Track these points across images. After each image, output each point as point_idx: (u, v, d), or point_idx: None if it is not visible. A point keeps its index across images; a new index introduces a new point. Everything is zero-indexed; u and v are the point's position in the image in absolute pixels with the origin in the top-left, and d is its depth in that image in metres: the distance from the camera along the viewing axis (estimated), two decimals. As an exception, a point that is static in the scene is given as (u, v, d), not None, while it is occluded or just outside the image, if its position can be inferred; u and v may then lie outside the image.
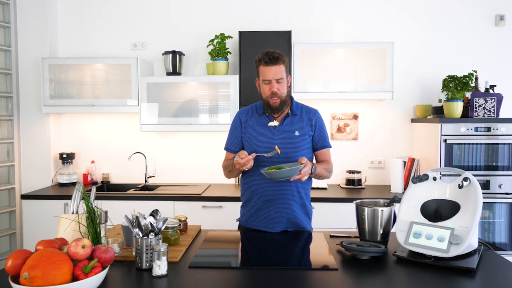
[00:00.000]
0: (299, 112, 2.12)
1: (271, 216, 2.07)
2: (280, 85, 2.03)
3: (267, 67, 2.01)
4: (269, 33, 3.27)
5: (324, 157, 2.17)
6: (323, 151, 2.15)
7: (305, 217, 2.13)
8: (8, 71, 3.46)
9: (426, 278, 1.47)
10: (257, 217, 2.10)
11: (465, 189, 1.66)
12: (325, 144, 2.15)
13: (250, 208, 2.13)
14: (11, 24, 3.44)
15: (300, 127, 2.09)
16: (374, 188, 3.41)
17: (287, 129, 2.08)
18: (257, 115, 2.14)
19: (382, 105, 3.56)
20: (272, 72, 2.00)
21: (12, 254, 1.33)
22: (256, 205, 2.10)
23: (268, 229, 2.08)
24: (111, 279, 1.45)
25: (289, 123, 2.10)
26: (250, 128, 2.12)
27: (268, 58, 2.01)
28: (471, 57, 3.49)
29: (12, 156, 3.49)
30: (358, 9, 3.53)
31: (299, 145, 2.07)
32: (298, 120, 2.11)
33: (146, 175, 3.56)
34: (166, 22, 3.62)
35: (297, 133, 2.08)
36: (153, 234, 1.57)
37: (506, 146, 2.95)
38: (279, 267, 1.58)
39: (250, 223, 2.13)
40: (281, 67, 2.02)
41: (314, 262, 1.68)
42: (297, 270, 1.54)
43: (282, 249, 1.86)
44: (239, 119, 2.17)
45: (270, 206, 2.07)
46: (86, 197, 1.65)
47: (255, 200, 2.10)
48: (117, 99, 3.34)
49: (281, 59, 2.02)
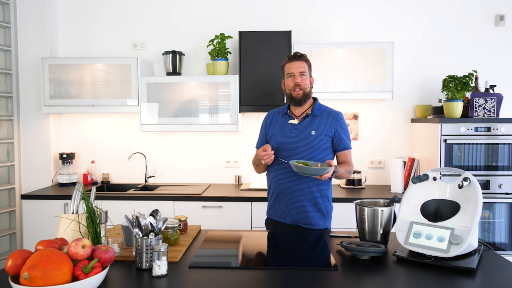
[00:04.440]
0: (319, 113, 2.25)
1: (282, 208, 2.23)
2: (303, 78, 2.21)
3: (291, 63, 2.23)
4: (269, 33, 3.27)
5: (344, 158, 2.26)
6: (344, 152, 2.26)
7: (316, 213, 2.20)
8: (8, 71, 3.46)
9: (426, 278, 1.47)
10: (273, 208, 2.29)
11: (465, 189, 1.66)
12: (345, 146, 2.25)
13: (269, 199, 2.35)
14: (11, 24, 3.44)
15: (318, 127, 2.20)
16: (374, 188, 3.41)
17: (304, 128, 2.21)
18: (281, 115, 2.32)
19: (382, 105, 3.56)
20: (295, 66, 2.21)
21: (12, 254, 1.33)
22: (272, 197, 2.29)
23: (281, 220, 2.24)
24: (111, 279, 1.45)
25: (308, 122, 2.22)
26: (274, 126, 2.31)
27: (292, 56, 2.25)
28: (471, 57, 3.49)
29: (12, 156, 3.49)
30: (358, 9, 3.53)
31: (314, 144, 2.18)
32: (318, 121, 2.22)
33: (146, 175, 3.56)
34: (166, 22, 3.63)
35: (314, 132, 2.19)
36: (153, 234, 1.58)
37: (506, 146, 2.95)
38: (279, 267, 1.58)
39: (269, 214, 2.34)
40: (303, 63, 2.23)
41: (314, 262, 1.68)
42: (297, 270, 1.54)
43: (282, 249, 1.86)
44: (266, 120, 2.39)
45: (282, 199, 2.23)
46: (86, 197, 1.65)
47: (271, 192, 2.31)
48: (117, 99, 3.34)
49: (305, 57, 2.25)
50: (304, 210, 2.18)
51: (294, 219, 2.20)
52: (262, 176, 3.56)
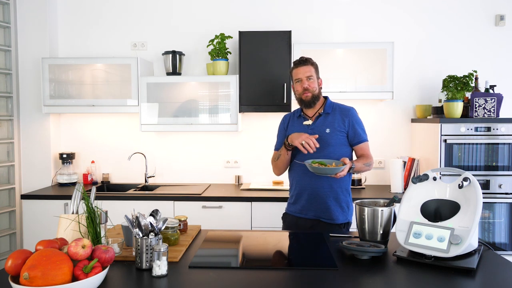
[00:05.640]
0: (331, 111, 2.30)
1: (303, 204, 2.30)
2: (310, 82, 2.26)
3: (298, 68, 2.29)
4: (269, 33, 3.27)
5: (362, 151, 2.30)
6: (360, 145, 2.30)
7: (337, 208, 2.26)
8: (8, 71, 3.46)
9: (426, 278, 1.47)
10: (295, 205, 2.34)
11: (465, 189, 1.66)
12: (361, 139, 2.29)
13: (291, 196, 2.39)
14: (11, 24, 3.44)
15: (332, 125, 2.27)
16: (374, 188, 3.41)
17: (319, 127, 2.27)
18: (296, 118, 2.39)
19: (382, 105, 3.56)
20: (301, 71, 2.27)
21: (12, 254, 1.33)
22: (295, 194, 2.34)
23: (302, 215, 2.30)
24: (111, 279, 1.45)
25: (321, 121, 2.29)
26: (290, 128, 2.37)
27: (298, 61, 2.31)
28: (471, 57, 3.49)
29: (12, 156, 3.49)
30: (358, 9, 3.53)
31: (330, 142, 2.24)
32: (331, 119, 2.29)
33: (146, 175, 3.56)
34: (166, 22, 3.62)
35: (328, 130, 2.25)
36: (153, 234, 1.57)
37: (506, 146, 2.95)
38: (279, 267, 1.58)
39: (291, 210, 2.38)
40: (309, 67, 2.28)
41: (314, 262, 1.68)
42: (297, 270, 1.54)
43: (282, 249, 1.86)
44: (284, 122, 2.45)
45: (304, 195, 2.29)
46: (86, 197, 1.65)
47: (293, 190, 2.36)
48: (117, 99, 3.34)
49: (310, 61, 2.30)
50: (326, 206, 2.25)
51: (316, 214, 2.26)
52: (262, 177, 3.59)
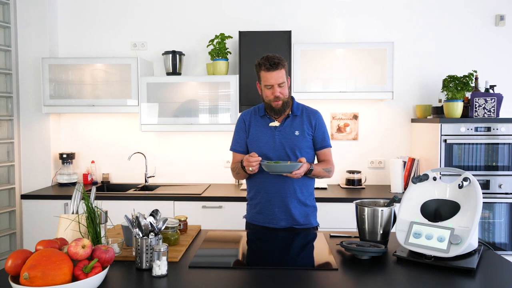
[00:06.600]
0: (299, 113, 2.18)
1: (275, 213, 2.14)
2: (282, 88, 2.09)
3: (269, 73, 2.06)
4: (269, 33, 3.27)
5: (324, 157, 2.22)
6: (323, 151, 2.21)
7: (305, 214, 2.17)
8: (8, 71, 3.46)
9: (426, 278, 1.47)
10: (262, 213, 2.17)
11: (465, 189, 1.66)
12: (324, 144, 2.20)
13: (255, 205, 2.20)
14: (11, 24, 3.44)
15: (301, 127, 2.15)
16: (374, 188, 3.41)
17: (287, 129, 2.14)
18: (259, 117, 2.20)
19: (382, 105, 3.56)
20: (273, 77, 2.06)
21: (12, 254, 1.33)
22: (261, 202, 2.16)
23: (272, 225, 2.15)
24: (111, 279, 1.45)
25: (289, 123, 2.15)
26: (253, 129, 2.19)
27: (269, 64, 2.05)
28: (471, 57, 3.49)
29: (12, 156, 3.49)
30: (358, 9, 3.53)
31: (300, 145, 2.13)
32: (299, 121, 2.16)
33: (146, 175, 3.56)
34: (166, 22, 3.62)
35: (297, 133, 2.13)
36: (153, 234, 1.57)
37: (506, 146, 2.95)
38: (279, 267, 1.58)
39: (256, 220, 2.20)
40: (281, 72, 2.07)
41: (314, 262, 1.68)
42: (297, 270, 1.54)
43: (282, 249, 1.86)
44: (243, 121, 2.23)
45: (273, 203, 2.13)
46: (86, 197, 1.65)
47: (259, 198, 2.17)
48: (117, 99, 3.34)
49: (281, 63, 2.07)
50: (295, 212, 2.13)
51: (286, 222, 2.14)
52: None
